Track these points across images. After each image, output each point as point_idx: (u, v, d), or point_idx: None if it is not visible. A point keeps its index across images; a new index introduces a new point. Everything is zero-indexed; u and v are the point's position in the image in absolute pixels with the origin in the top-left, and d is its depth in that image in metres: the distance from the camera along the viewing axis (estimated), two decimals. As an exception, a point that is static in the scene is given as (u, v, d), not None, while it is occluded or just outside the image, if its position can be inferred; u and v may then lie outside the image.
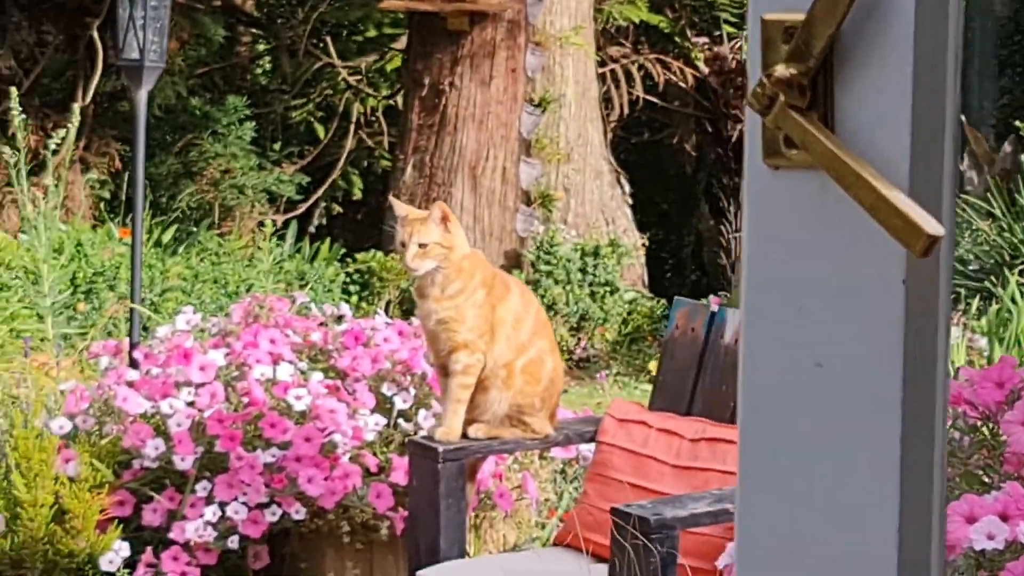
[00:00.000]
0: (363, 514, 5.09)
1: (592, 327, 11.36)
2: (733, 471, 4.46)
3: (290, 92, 14.78)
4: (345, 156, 14.02)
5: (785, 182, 1.28)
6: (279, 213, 13.43)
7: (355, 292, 11.37)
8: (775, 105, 1.25)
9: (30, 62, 13.05)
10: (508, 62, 11.75)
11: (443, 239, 4.56)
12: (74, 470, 5.05)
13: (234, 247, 11.68)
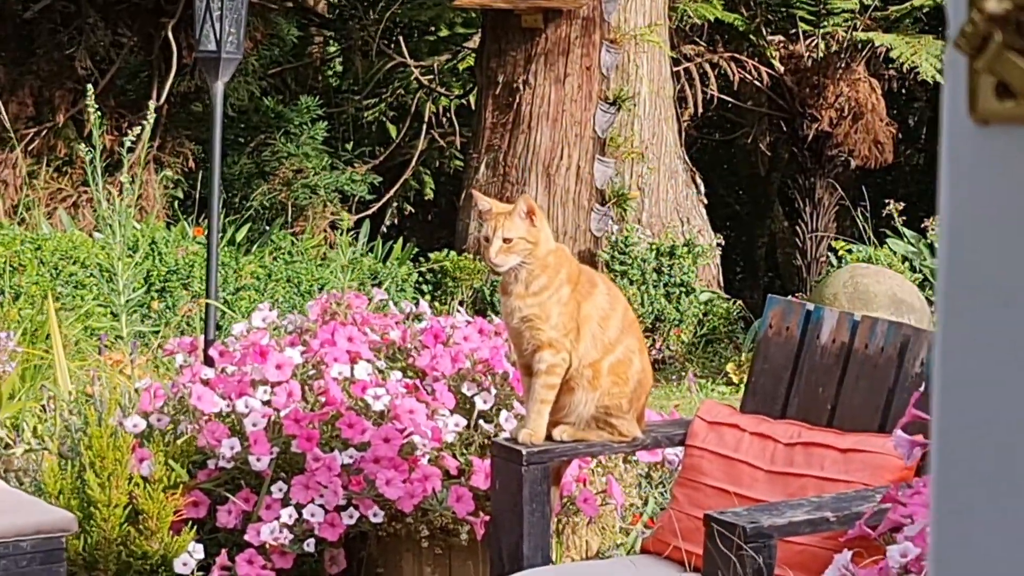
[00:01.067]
0: (442, 518, 4.94)
1: (667, 328, 11.19)
2: (830, 477, 4.28)
3: (362, 92, 14.70)
4: (417, 156, 13.91)
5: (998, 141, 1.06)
6: (351, 213, 13.31)
7: (428, 292, 11.25)
8: (988, 46, 1.02)
9: (106, 62, 12.99)
10: (583, 59, 11.61)
11: (528, 234, 4.38)
12: (148, 470, 4.93)
13: (307, 246, 11.57)
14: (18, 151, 12.28)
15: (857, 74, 13.63)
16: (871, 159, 13.68)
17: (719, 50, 13.61)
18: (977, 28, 1.02)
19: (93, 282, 9.48)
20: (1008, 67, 1.01)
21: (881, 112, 13.66)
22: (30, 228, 10.98)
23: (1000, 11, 1.01)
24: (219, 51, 5.68)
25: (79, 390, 5.98)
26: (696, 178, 12.43)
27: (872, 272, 10.64)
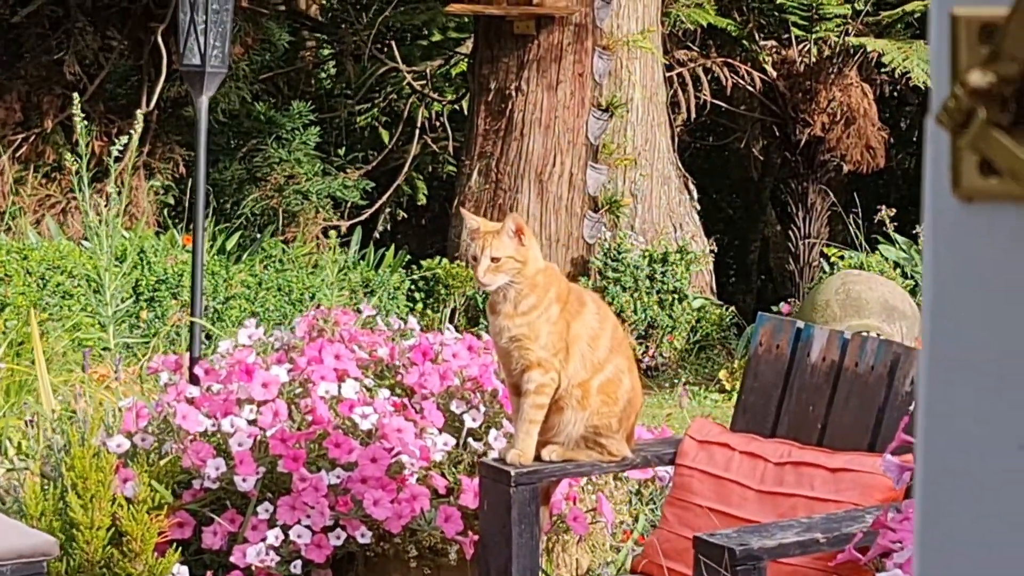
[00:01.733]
0: (431, 538, 4.90)
1: (661, 335, 11.16)
2: (821, 497, 4.25)
3: (354, 97, 14.67)
4: (410, 161, 13.88)
5: (981, 218, 1.01)
6: (344, 219, 13.28)
7: (420, 299, 11.21)
8: (972, 122, 0.98)
9: (95, 67, 12.95)
10: (575, 66, 11.57)
11: (517, 253, 4.34)
12: (132, 491, 4.88)
13: (298, 254, 11.53)
14: (5, 157, 12.23)
15: (849, 79, 13.61)
16: (863, 164, 13.66)
17: (712, 55, 13.58)
18: (960, 104, 0.98)
19: (80, 292, 9.43)
20: (992, 145, 0.97)
21: (873, 117, 13.64)
22: (17, 237, 10.93)
23: (984, 85, 0.97)
24: (203, 65, 5.62)
25: (64, 407, 5.94)
26: (689, 183, 12.41)
27: (864, 279, 10.62)
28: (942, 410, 1.03)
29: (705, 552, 3.79)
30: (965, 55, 0.99)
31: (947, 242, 1.02)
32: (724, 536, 3.85)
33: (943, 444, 1.03)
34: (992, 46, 0.98)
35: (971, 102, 0.98)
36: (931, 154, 1.02)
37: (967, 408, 1.02)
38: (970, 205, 1.01)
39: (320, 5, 15.41)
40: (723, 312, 11.55)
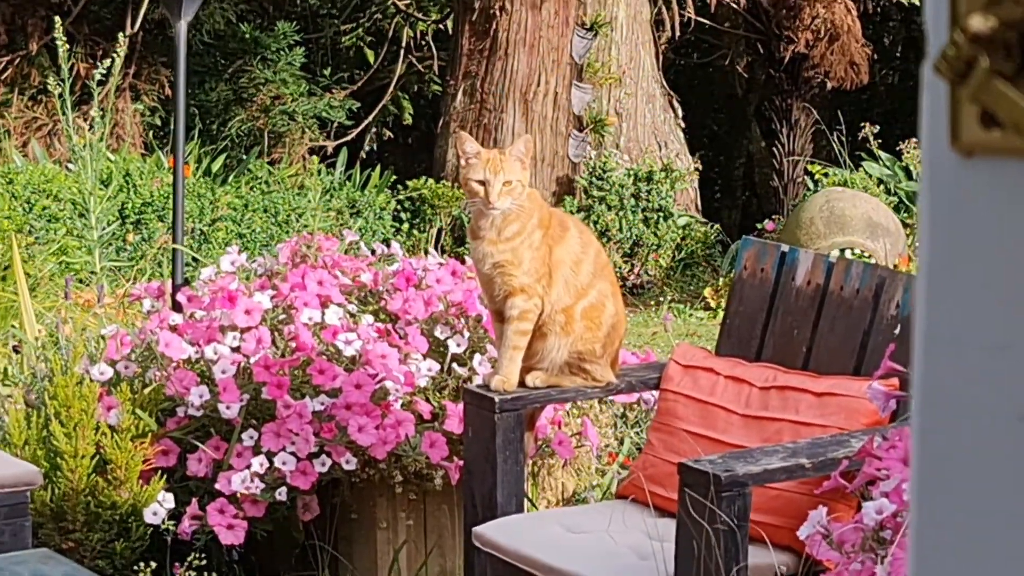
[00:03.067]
0: (416, 463, 4.85)
1: (646, 253, 11.13)
2: (806, 421, 4.19)
3: (340, 17, 14.58)
4: (395, 81, 13.82)
5: (982, 174, 0.94)
6: (330, 139, 13.23)
7: (406, 220, 11.16)
8: (973, 72, 0.90)
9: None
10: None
11: (522, 176, 4.31)
12: (116, 419, 4.83)
13: (284, 175, 11.46)
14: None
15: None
16: (847, 80, 13.62)
17: (695, -28, 13.49)
18: (960, 51, 0.90)
19: (66, 216, 9.36)
20: (995, 96, 0.89)
21: (857, 33, 13.59)
22: (2, 161, 10.85)
23: (986, 30, 0.89)
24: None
25: (48, 333, 5.87)
26: (674, 101, 12.36)
27: (848, 196, 10.57)
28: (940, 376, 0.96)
29: (690, 478, 3.75)
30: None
31: (946, 199, 0.95)
32: (709, 462, 3.80)
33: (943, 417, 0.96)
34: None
35: (972, 49, 0.90)
36: (928, 105, 0.94)
37: (966, 374, 0.95)
38: (970, 160, 0.94)
39: (304, -76, 15.31)
40: (708, 230, 11.52)
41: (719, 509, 3.69)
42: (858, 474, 3.30)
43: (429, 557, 4.95)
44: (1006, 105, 0.89)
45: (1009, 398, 0.93)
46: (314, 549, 4.96)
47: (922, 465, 0.95)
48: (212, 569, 4.84)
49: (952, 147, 0.93)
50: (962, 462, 0.94)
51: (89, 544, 4.75)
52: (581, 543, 4.18)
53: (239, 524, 4.77)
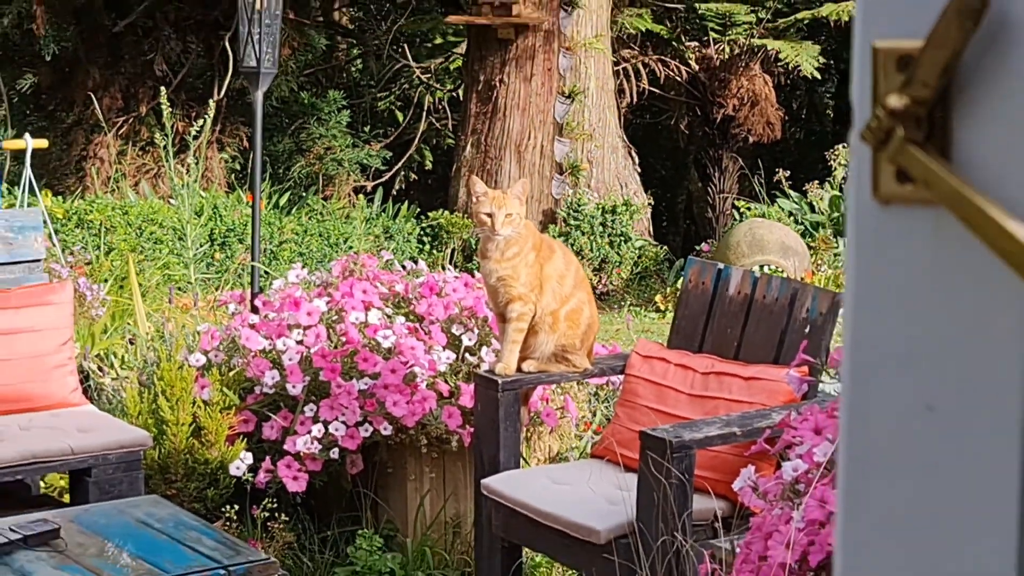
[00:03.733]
0: (437, 430, 4.82)
1: (611, 268, 11.09)
2: (737, 399, 4.17)
3: (377, 87, 14.55)
4: (419, 136, 13.79)
5: (896, 219, 0.92)
6: (369, 180, 13.20)
7: (427, 242, 11.12)
8: (892, 139, 0.88)
9: (178, 65, 12.81)
10: (545, 63, 11.45)
11: (520, 210, 4.31)
12: (208, 395, 4.82)
13: (335, 208, 11.43)
14: (110, 135, 12.11)
15: (754, 71, 13.51)
16: (764, 136, 13.59)
17: (649, 53, 13.44)
18: (881, 123, 0.88)
19: (168, 239, 9.32)
20: (909, 158, 0.88)
21: (771, 100, 13.56)
22: (119, 197, 10.81)
23: (900, 107, 0.88)
24: (259, 67, 5.50)
25: (156, 329, 5.85)
26: (632, 152, 12.31)
27: (766, 224, 10.54)
28: (864, 381, 0.94)
29: (649, 443, 3.75)
30: (883, 81, 0.90)
31: (868, 241, 0.93)
32: (663, 430, 3.79)
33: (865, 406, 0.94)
34: (907, 74, 0.88)
35: (890, 121, 0.88)
36: (854, 164, 0.92)
37: (885, 377, 0.93)
38: (887, 208, 0.92)
39: (350, 16, 15.27)
40: (658, 250, 11.47)
41: (671, 466, 3.67)
42: (778, 440, 3.28)
43: (447, 502, 4.93)
44: (917, 165, 0.87)
45: (918, 393, 0.91)
46: (359, 495, 4.95)
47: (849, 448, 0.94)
48: (281, 511, 4.82)
49: (873, 197, 0.91)
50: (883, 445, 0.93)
51: (187, 491, 4.73)
52: (564, 492, 4.17)
53: (302, 476, 4.76)
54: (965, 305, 0.89)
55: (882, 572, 0.94)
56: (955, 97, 0.88)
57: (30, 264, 5.03)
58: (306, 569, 4.79)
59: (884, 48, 0.89)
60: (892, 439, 0.93)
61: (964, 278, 0.89)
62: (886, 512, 0.93)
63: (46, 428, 4.59)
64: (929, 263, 0.90)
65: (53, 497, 5.02)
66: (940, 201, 0.86)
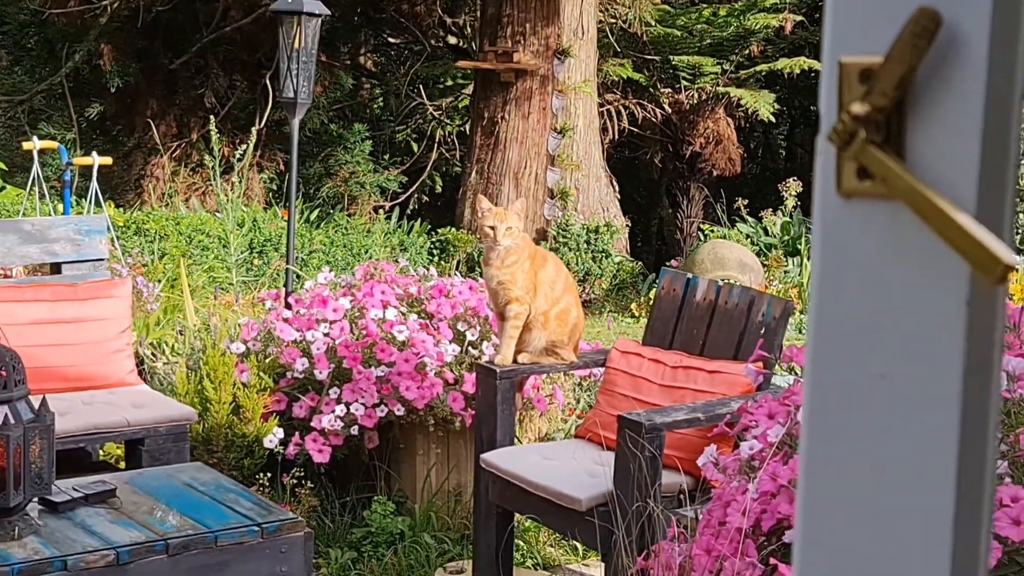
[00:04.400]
0: (443, 412, 4.80)
1: (593, 280, 11.07)
2: (701, 390, 4.15)
3: (395, 121, 14.53)
4: (431, 164, 13.77)
5: (857, 211, 0.91)
6: (387, 201, 13.18)
7: (437, 254, 11.10)
8: (854, 141, 0.87)
9: (225, 99, 12.79)
10: (540, 103, 11.45)
11: (518, 224, 4.29)
12: (246, 378, 4.80)
13: (357, 223, 11.41)
14: (165, 158, 12.09)
15: (718, 114, 13.51)
16: (726, 170, 13.59)
17: (629, 97, 13.44)
18: (846, 127, 0.87)
19: (214, 247, 9.30)
20: (869, 157, 0.87)
21: (733, 139, 13.56)
22: (172, 210, 10.79)
23: (862, 113, 0.87)
24: (295, 98, 5.48)
25: (202, 322, 5.82)
26: (613, 181, 12.30)
27: (726, 245, 10.53)
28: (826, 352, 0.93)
29: (626, 425, 3.73)
30: (848, 91, 0.89)
31: (832, 230, 0.92)
32: (638, 414, 3.78)
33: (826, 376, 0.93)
34: (868, 85, 0.87)
35: (854, 125, 0.87)
36: (821, 163, 0.91)
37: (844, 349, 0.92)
38: (849, 202, 0.91)
39: (373, 60, 15.26)
40: (634, 266, 11.46)
41: (646, 444, 3.66)
42: (737, 424, 3.27)
43: (450, 474, 4.91)
44: (876, 163, 0.86)
45: (873, 363, 0.90)
46: (374, 467, 4.93)
47: (811, 411, 0.92)
48: (307, 479, 4.80)
49: (837, 192, 0.90)
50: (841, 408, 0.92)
51: (227, 461, 4.71)
52: (552, 466, 4.15)
53: (326, 449, 4.74)
54: (915, 286, 0.89)
55: (839, 523, 0.93)
56: (910, 105, 0.87)
57: (95, 263, 5.01)
58: (328, 529, 4.77)
59: (849, 63, 0.88)
60: (849, 403, 0.92)
61: (915, 263, 0.88)
62: (844, 469, 0.92)
63: (105, 404, 4.58)
64: (885, 250, 0.90)
65: (110, 463, 5.00)
66: (896, 195, 0.85)
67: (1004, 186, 0.87)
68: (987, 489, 0.89)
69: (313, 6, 5.45)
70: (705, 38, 13.37)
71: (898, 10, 0.86)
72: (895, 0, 0.86)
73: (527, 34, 11.39)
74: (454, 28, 14.37)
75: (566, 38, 11.48)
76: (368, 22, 14.23)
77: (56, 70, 12.43)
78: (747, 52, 13.38)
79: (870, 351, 0.91)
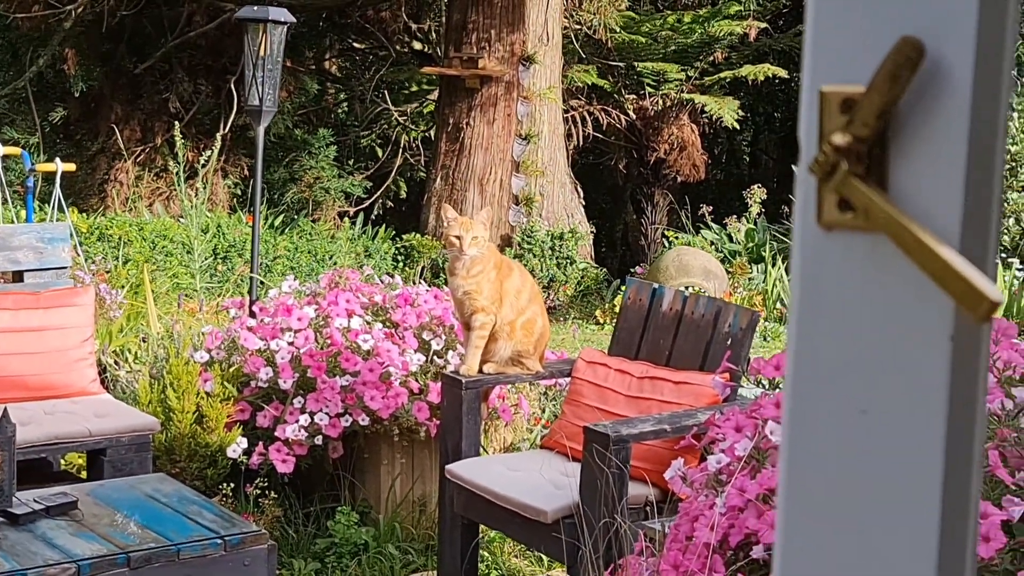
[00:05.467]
0: (408, 421, 4.76)
1: (558, 286, 11.05)
2: (668, 400, 4.13)
3: (360, 127, 14.47)
4: (395, 169, 13.73)
5: (838, 243, 0.89)
6: (351, 206, 13.12)
7: (401, 260, 11.05)
8: (836, 172, 0.85)
9: (189, 104, 12.70)
10: (505, 109, 11.42)
11: (484, 234, 4.26)
12: (210, 387, 4.74)
13: (322, 229, 11.35)
14: (129, 163, 11.99)
15: (682, 121, 13.52)
16: (690, 176, 13.61)
17: (594, 104, 13.44)
18: (827, 158, 0.85)
19: (178, 252, 9.22)
20: (852, 190, 0.84)
21: (697, 146, 13.58)
22: (136, 215, 10.70)
23: (844, 144, 0.84)
24: (261, 106, 5.43)
25: (166, 329, 5.76)
26: (577, 187, 12.29)
27: (691, 251, 10.54)
28: (805, 386, 0.90)
29: (592, 437, 3.70)
30: (828, 121, 0.86)
31: (812, 262, 0.90)
32: (604, 426, 3.75)
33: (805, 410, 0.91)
34: (850, 115, 0.85)
35: (835, 157, 0.85)
36: (800, 194, 0.89)
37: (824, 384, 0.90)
38: (830, 233, 0.89)
39: (338, 65, 15.20)
40: (598, 272, 11.45)
41: (612, 456, 3.63)
42: (704, 436, 3.25)
43: (414, 484, 4.87)
44: (858, 195, 0.84)
45: (854, 398, 0.88)
46: (338, 477, 4.88)
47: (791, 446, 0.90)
48: (271, 489, 4.75)
49: (817, 224, 0.88)
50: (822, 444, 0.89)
51: (190, 470, 4.66)
52: (517, 477, 4.12)
53: (290, 459, 4.69)
54: (897, 320, 0.86)
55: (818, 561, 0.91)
56: (892, 136, 0.85)
57: (58, 271, 4.95)
58: (291, 540, 4.72)
59: (830, 92, 0.86)
60: (829, 439, 0.90)
61: (898, 297, 0.86)
62: (823, 505, 0.90)
63: (67, 413, 4.52)
64: (866, 283, 0.87)
65: (72, 473, 4.93)
66: (879, 228, 0.83)
67: (988, 219, 0.84)
68: (971, 525, 0.87)
69: (279, 14, 5.40)
70: (670, 45, 13.38)
71: (881, 39, 0.84)
72: (877, 29, 0.84)
73: (492, 40, 11.37)
74: (419, 34, 14.33)
75: (531, 44, 11.46)
76: (333, 27, 14.17)
77: (20, 74, 12.31)
78: (711, 59, 13.41)
79: (851, 386, 0.88)
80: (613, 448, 3.65)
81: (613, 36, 13.19)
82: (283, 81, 12.19)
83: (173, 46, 12.37)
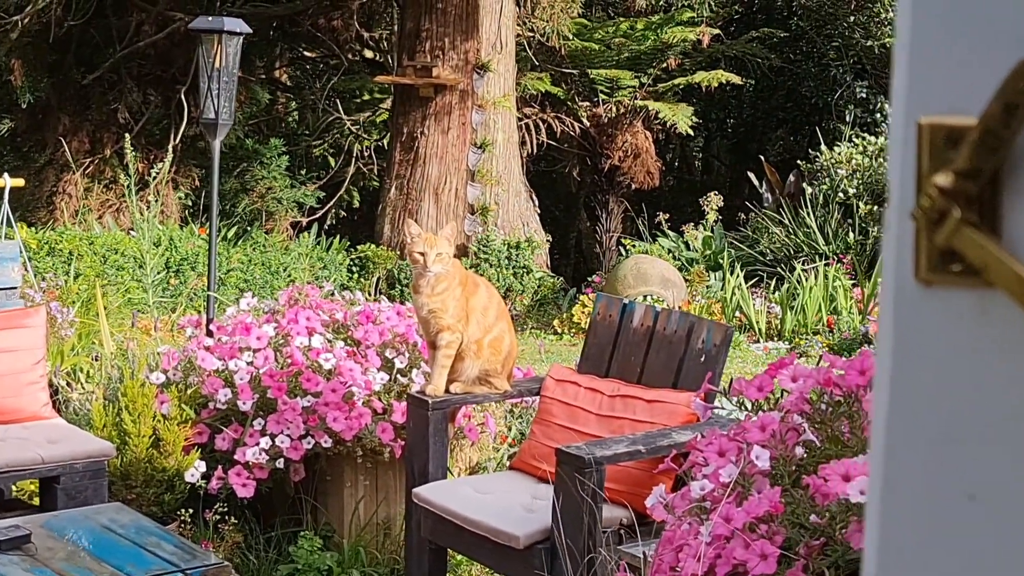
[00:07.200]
0: (372, 442, 4.61)
1: (515, 296, 10.93)
2: (640, 420, 4.00)
3: (312, 136, 14.29)
4: (348, 179, 13.57)
5: (939, 301, 0.75)
6: (305, 217, 12.95)
7: (356, 272, 10.89)
8: (947, 220, 0.71)
9: (139, 114, 12.48)
10: (460, 118, 11.29)
11: (448, 250, 4.11)
12: (167, 410, 4.57)
13: (275, 240, 11.16)
14: (78, 175, 11.75)
15: (636, 128, 13.45)
16: (645, 183, 13.53)
17: (547, 111, 13.34)
18: (934, 203, 0.72)
19: (130, 267, 9.01)
20: (967, 242, 0.71)
21: (651, 153, 13.51)
22: (86, 228, 10.46)
23: (949, 185, 0.71)
24: (216, 119, 5.26)
25: (119, 348, 5.58)
26: (532, 196, 12.18)
27: (648, 260, 10.44)
28: (900, 466, 0.77)
29: (564, 459, 3.57)
30: (930, 159, 0.73)
31: (907, 320, 0.76)
32: (577, 448, 3.62)
33: (900, 490, 0.77)
34: (956, 152, 0.72)
35: (944, 202, 0.71)
36: (892, 245, 0.76)
37: (922, 462, 0.76)
38: (928, 289, 0.75)
39: (289, 74, 15.01)
40: (555, 281, 11.34)
41: (585, 480, 3.51)
42: (683, 459, 3.12)
43: (379, 507, 4.72)
44: (973, 248, 0.71)
45: (958, 480, 0.75)
46: (301, 501, 4.72)
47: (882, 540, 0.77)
48: (230, 514, 4.58)
49: (915, 278, 0.74)
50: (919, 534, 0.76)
51: (146, 496, 4.49)
52: (486, 500, 3.98)
53: (250, 483, 4.53)
54: (1011, 388, 0.73)
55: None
56: (1006, 176, 0.72)
57: (8, 291, 4.76)
58: (252, 566, 4.55)
59: (931, 124, 0.73)
60: (928, 529, 0.76)
61: (1011, 361, 0.73)
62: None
63: (19, 439, 4.33)
64: (973, 345, 0.74)
65: (24, 501, 4.74)
66: (999, 285, 0.70)
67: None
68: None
69: (234, 24, 5.23)
70: (623, 52, 13.30)
71: (996, 62, 0.71)
72: (991, 50, 0.71)
73: (446, 48, 11.23)
74: (371, 42, 14.17)
75: (485, 52, 11.34)
76: (284, 36, 13.98)
77: (-36, 85, 12.04)
78: (664, 65, 13.34)
79: (955, 466, 0.75)
80: (587, 470, 3.52)
81: (566, 43, 13.09)
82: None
83: (122, 56, 12.14)
